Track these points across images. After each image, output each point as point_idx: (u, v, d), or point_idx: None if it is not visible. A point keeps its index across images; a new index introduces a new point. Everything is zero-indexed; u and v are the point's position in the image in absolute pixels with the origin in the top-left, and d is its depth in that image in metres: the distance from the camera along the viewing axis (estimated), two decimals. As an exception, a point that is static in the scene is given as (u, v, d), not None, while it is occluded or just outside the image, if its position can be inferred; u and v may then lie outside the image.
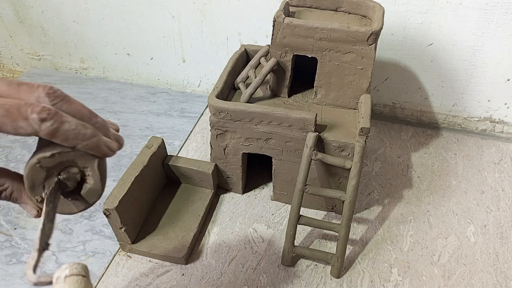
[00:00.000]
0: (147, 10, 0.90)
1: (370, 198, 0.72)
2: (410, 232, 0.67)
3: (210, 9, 0.86)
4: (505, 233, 0.66)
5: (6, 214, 0.69)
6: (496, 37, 0.75)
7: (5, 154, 0.81)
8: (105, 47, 1.01)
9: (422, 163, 0.80)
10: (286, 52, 0.63)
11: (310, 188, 0.60)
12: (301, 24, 0.59)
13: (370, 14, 0.64)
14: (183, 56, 0.96)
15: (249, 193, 0.73)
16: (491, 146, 0.84)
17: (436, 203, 0.72)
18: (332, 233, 0.66)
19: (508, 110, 0.84)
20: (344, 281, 0.60)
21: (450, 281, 0.60)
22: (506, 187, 0.74)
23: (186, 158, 0.70)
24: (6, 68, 1.15)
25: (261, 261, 0.62)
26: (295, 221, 0.60)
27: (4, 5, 1.00)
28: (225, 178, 0.71)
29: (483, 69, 0.80)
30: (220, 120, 0.63)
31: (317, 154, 0.60)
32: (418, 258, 0.63)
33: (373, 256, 0.63)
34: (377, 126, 0.89)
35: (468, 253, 0.63)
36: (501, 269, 0.61)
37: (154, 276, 0.60)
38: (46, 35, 1.03)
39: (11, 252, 0.63)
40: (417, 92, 0.87)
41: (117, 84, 1.03)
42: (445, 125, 0.90)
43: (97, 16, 0.95)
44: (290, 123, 0.60)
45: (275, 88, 0.68)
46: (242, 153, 0.66)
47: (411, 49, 0.81)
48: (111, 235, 0.65)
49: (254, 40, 0.88)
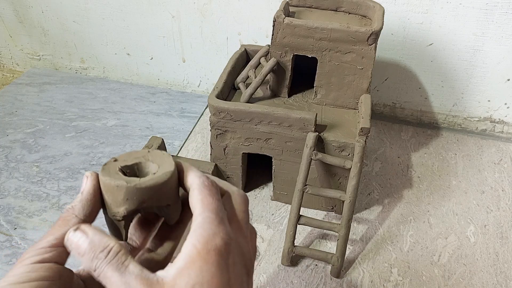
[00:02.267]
0: (147, 10, 0.90)
1: (370, 198, 0.72)
2: (410, 232, 0.67)
3: (210, 9, 0.86)
4: (505, 233, 0.66)
5: (6, 214, 0.69)
6: (496, 37, 0.75)
7: (5, 154, 0.81)
8: (105, 47, 1.01)
9: (422, 163, 0.80)
10: (286, 52, 0.63)
11: (310, 188, 0.60)
12: (301, 24, 0.59)
13: (370, 14, 0.64)
14: (183, 56, 0.96)
15: (249, 193, 0.73)
16: (491, 146, 0.84)
17: (436, 203, 0.72)
18: (332, 233, 0.66)
19: (508, 110, 0.84)
20: (344, 281, 0.60)
21: (450, 281, 0.60)
22: (506, 187, 0.74)
23: (186, 158, 0.70)
24: (6, 68, 1.15)
25: (261, 261, 0.62)
26: (295, 221, 0.60)
27: (4, 5, 1.00)
28: (225, 178, 0.71)
29: (483, 69, 0.80)
30: (220, 120, 0.63)
31: (317, 154, 0.60)
32: (418, 258, 0.63)
33: (373, 256, 0.63)
34: (377, 126, 0.89)
35: (468, 253, 0.63)
36: (501, 269, 0.61)
37: (154, 276, 0.60)
38: (46, 35, 1.03)
39: (11, 252, 0.63)
40: (417, 92, 0.87)
41: (117, 84, 1.03)
42: (445, 125, 0.90)
43: (97, 16, 0.95)
44: (290, 123, 0.60)
45: (275, 88, 0.68)
46: (242, 153, 0.66)
47: (411, 49, 0.81)
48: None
49: (254, 40, 0.88)
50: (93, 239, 0.26)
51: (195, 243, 0.25)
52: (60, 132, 0.87)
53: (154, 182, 0.28)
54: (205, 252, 0.25)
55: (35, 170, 0.77)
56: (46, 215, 0.69)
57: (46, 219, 0.68)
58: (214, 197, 0.28)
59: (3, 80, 1.12)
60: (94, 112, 0.92)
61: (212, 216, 0.27)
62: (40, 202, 0.71)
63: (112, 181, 0.28)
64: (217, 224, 0.26)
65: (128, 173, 0.29)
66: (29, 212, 0.69)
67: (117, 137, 0.86)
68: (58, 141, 0.84)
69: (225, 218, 0.28)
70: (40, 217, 0.69)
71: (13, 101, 0.96)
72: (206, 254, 0.25)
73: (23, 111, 0.92)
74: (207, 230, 0.26)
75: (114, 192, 0.28)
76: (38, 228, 0.67)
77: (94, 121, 0.90)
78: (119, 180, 0.28)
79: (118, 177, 0.28)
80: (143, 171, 0.30)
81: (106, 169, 0.29)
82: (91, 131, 0.87)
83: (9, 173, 0.76)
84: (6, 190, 0.73)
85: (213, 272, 0.25)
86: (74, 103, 0.95)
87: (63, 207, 0.70)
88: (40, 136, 0.85)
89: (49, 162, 0.79)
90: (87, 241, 0.26)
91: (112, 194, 0.28)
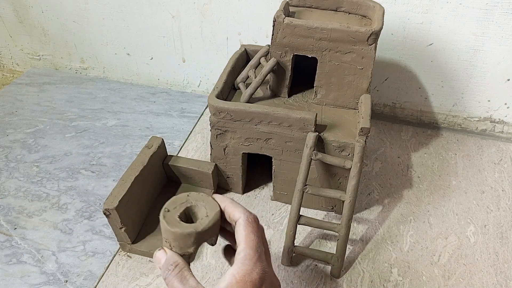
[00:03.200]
0: (147, 10, 0.90)
1: (370, 198, 0.72)
2: (410, 232, 0.67)
3: (210, 9, 0.86)
4: (505, 233, 0.66)
5: (6, 214, 0.69)
6: (496, 37, 0.75)
7: (5, 154, 0.81)
8: (105, 47, 1.01)
9: (422, 163, 0.80)
10: (286, 52, 0.63)
11: (310, 188, 0.60)
12: (301, 24, 0.59)
13: (370, 14, 0.64)
14: (183, 56, 0.96)
15: (249, 193, 0.73)
16: (491, 146, 0.84)
17: (436, 203, 0.72)
18: (332, 233, 0.66)
19: (508, 110, 0.84)
20: (344, 281, 0.60)
21: (450, 281, 0.60)
22: (506, 187, 0.74)
23: (186, 158, 0.70)
24: (6, 68, 1.15)
25: (261, 261, 0.62)
26: (295, 221, 0.60)
27: (4, 5, 1.00)
28: (225, 178, 0.71)
29: (483, 69, 0.80)
30: (220, 120, 0.63)
31: (317, 154, 0.60)
32: (418, 258, 0.63)
33: (373, 256, 0.63)
34: (377, 126, 0.89)
35: (468, 253, 0.63)
36: (501, 269, 0.61)
37: (154, 276, 0.60)
38: (46, 35, 1.03)
39: (11, 252, 0.63)
40: (417, 92, 0.87)
41: (117, 84, 1.03)
42: (445, 125, 0.90)
43: (97, 16, 0.95)
44: (290, 123, 0.60)
45: (275, 88, 0.68)
46: (242, 153, 0.67)
47: (411, 49, 0.81)
48: (111, 235, 0.65)
49: (254, 40, 0.88)
50: (169, 256, 0.36)
51: (235, 274, 0.33)
52: (60, 132, 0.87)
53: (212, 223, 0.36)
54: (242, 283, 0.33)
55: (35, 170, 0.77)
56: (46, 215, 0.69)
57: (46, 219, 0.68)
58: (256, 234, 0.36)
59: (3, 80, 1.12)
60: (94, 112, 0.93)
61: (251, 253, 0.35)
62: (40, 202, 0.71)
63: (183, 230, 0.35)
64: (255, 262, 0.34)
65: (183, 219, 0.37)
66: (29, 212, 0.69)
67: (117, 137, 0.86)
68: (58, 141, 0.84)
69: (263, 255, 0.36)
70: (40, 217, 0.69)
71: (13, 101, 0.96)
72: (243, 284, 0.33)
73: (23, 111, 0.92)
74: (246, 266, 0.34)
75: (185, 238, 0.36)
76: (38, 228, 0.67)
77: (94, 121, 0.90)
78: (188, 228, 0.36)
79: (183, 225, 0.36)
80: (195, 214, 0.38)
81: (168, 220, 0.36)
82: (91, 131, 0.87)
83: (9, 173, 0.76)
84: (6, 190, 0.73)
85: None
86: (74, 103, 0.95)
87: (63, 207, 0.70)
88: (40, 136, 0.85)
89: (49, 162, 0.79)
90: (165, 257, 0.36)
91: (183, 239, 0.36)
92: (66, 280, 0.59)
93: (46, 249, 0.64)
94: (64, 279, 0.60)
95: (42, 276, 0.60)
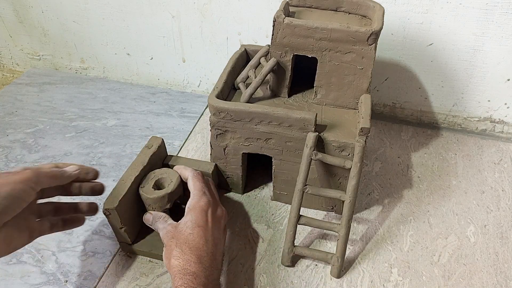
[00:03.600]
0: (147, 10, 0.90)
1: (370, 198, 0.72)
2: (410, 232, 0.67)
3: (210, 9, 0.86)
4: (505, 233, 0.66)
5: (6, 214, 0.69)
6: (496, 37, 0.75)
7: (5, 154, 0.81)
8: (105, 47, 1.01)
9: (422, 163, 0.80)
10: (286, 52, 0.63)
11: (310, 188, 0.60)
12: (301, 24, 0.59)
13: (370, 14, 0.64)
14: (183, 56, 0.96)
15: (249, 193, 0.73)
16: (491, 146, 0.84)
17: (436, 203, 0.72)
18: (332, 233, 0.66)
19: (508, 110, 0.84)
20: (344, 281, 0.60)
21: (450, 281, 0.60)
22: (506, 187, 0.74)
23: (186, 158, 0.70)
24: (6, 68, 1.15)
25: (261, 261, 0.62)
26: (295, 221, 0.60)
27: (4, 5, 1.00)
28: (225, 178, 0.71)
29: (483, 69, 0.80)
30: (220, 120, 0.63)
31: (317, 154, 0.60)
32: (418, 258, 0.63)
33: (373, 256, 0.63)
34: (377, 126, 0.89)
35: (468, 253, 0.63)
36: (501, 269, 0.61)
37: (154, 276, 0.60)
38: (46, 35, 1.03)
39: (11, 252, 0.63)
40: (417, 92, 0.87)
41: (117, 84, 1.03)
42: (445, 125, 0.90)
43: (97, 16, 0.95)
44: (290, 123, 0.60)
45: (275, 88, 0.68)
46: (242, 153, 0.67)
47: (411, 49, 0.81)
48: (111, 235, 0.65)
49: (254, 40, 0.88)
50: (154, 214, 0.58)
51: (188, 206, 0.56)
52: (60, 132, 0.87)
53: (176, 185, 0.60)
54: (193, 209, 0.54)
55: (35, 170, 0.77)
56: (46, 215, 0.69)
57: (46, 219, 0.68)
58: (200, 180, 0.59)
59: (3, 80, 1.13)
60: (94, 112, 0.93)
61: (197, 191, 0.57)
62: (40, 202, 0.71)
63: (159, 194, 0.58)
64: (201, 196, 0.56)
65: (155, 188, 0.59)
66: (29, 212, 0.69)
67: (117, 137, 0.86)
68: (58, 141, 0.84)
69: (207, 192, 0.58)
70: (40, 217, 0.69)
71: (13, 101, 0.96)
72: (194, 209, 0.54)
73: (23, 111, 0.92)
74: (195, 199, 0.56)
75: (161, 199, 0.58)
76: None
77: (94, 121, 0.90)
78: (162, 192, 0.58)
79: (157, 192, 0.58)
80: (163, 184, 0.60)
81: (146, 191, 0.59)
82: (91, 131, 0.87)
83: (9, 173, 0.76)
84: (6, 190, 0.73)
85: (198, 216, 0.53)
86: (74, 103, 0.95)
87: (63, 207, 0.70)
88: (40, 136, 0.85)
89: (49, 162, 0.79)
90: (151, 216, 0.57)
91: (161, 201, 0.58)
92: (66, 280, 0.60)
93: (46, 249, 0.64)
94: (64, 279, 0.60)
95: (42, 276, 0.60)
